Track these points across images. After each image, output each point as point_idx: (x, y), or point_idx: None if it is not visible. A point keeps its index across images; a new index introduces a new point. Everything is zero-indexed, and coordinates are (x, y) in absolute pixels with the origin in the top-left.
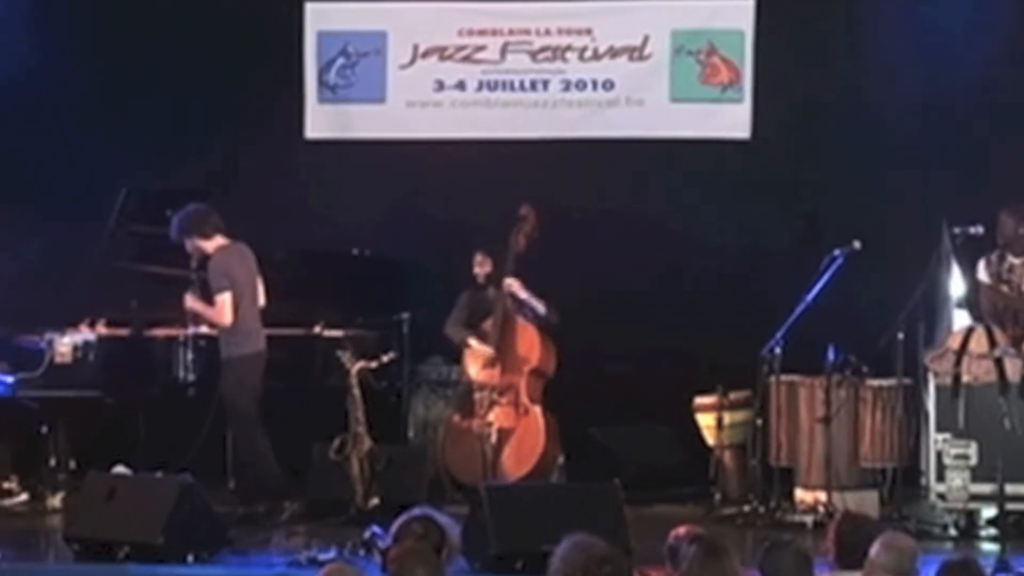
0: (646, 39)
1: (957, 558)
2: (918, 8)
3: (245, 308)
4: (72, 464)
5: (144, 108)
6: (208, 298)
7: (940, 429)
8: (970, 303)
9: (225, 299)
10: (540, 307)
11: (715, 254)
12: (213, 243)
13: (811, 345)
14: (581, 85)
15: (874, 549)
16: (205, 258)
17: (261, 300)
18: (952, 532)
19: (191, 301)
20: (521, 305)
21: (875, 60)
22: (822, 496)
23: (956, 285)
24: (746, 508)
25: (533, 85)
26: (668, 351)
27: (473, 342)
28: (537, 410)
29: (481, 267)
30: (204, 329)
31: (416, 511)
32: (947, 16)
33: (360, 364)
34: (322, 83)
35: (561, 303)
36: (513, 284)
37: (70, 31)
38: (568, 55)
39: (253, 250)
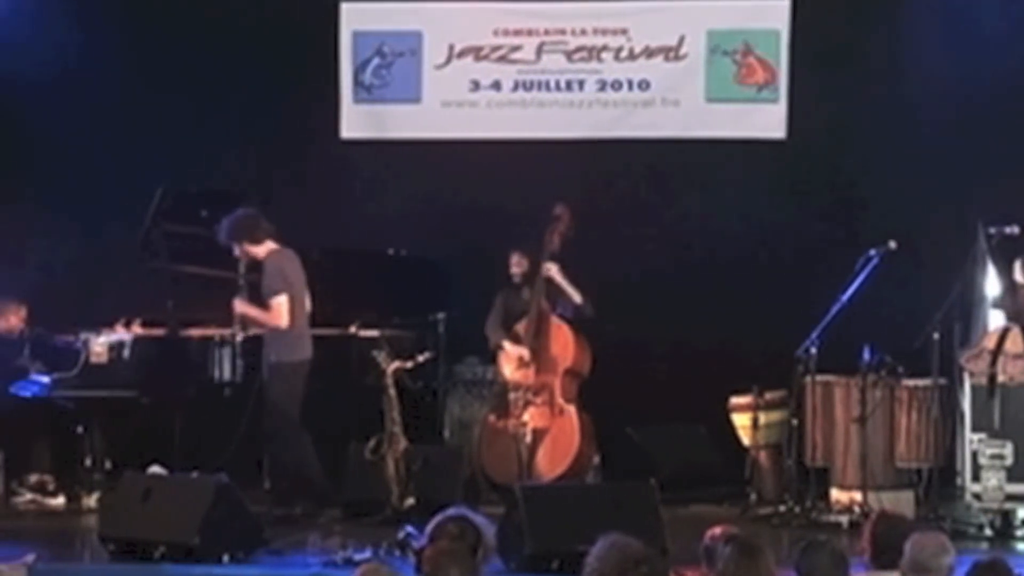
0: (682, 39)
1: (987, 559)
2: (954, 7)
3: (299, 313)
4: (108, 464)
5: (179, 108)
6: (257, 302)
7: (976, 429)
8: (1005, 303)
9: (282, 302)
10: (576, 296)
11: (750, 254)
12: (264, 247)
13: (847, 345)
14: (617, 85)
15: (907, 548)
16: (254, 263)
17: (307, 305)
18: (987, 532)
19: (241, 306)
20: (558, 294)
21: (911, 60)
22: (858, 496)
23: (991, 285)
24: (782, 508)
25: (569, 85)
26: (704, 351)
27: (507, 345)
28: (572, 410)
29: (518, 266)
30: (249, 332)
31: (452, 511)
32: (983, 15)
33: (396, 364)
34: (357, 83)
35: (596, 303)
36: (551, 269)
37: (106, 31)
38: (604, 55)
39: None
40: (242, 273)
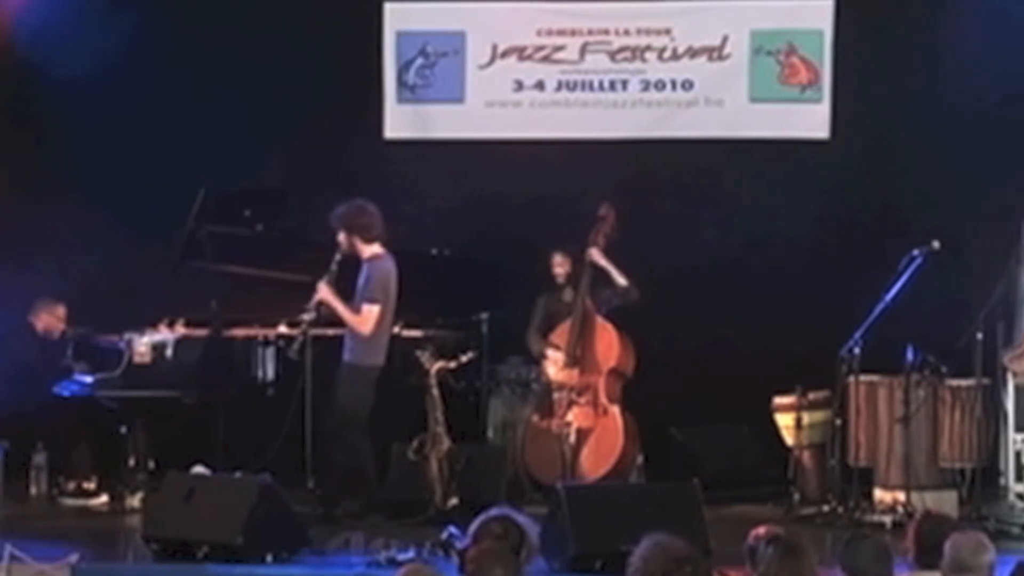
0: (725, 39)
1: None
2: (997, 6)
3: (386, 323)
4: (151, 464)
5: (223, 107)
6: (342, 293)
7: (1019, 429)
8: None
9: (374, 311)
10: (621, 278)
11: (794, 254)
12: (370, 249)
13: (890, 345)
14: (660, 85)
15: (946, 548)
16: (352, 256)
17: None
18: None
19: (325, 292)
20: (604, 281)
21: (954, 59)
22: (901, 496)
23: None
24: (825, 508)
25: (612, 85)
26: (747, 351)
27: (549, 352)
28: (616, 410)
29: (560, 267)
30: (283, 330)
31: (495, 511)
32: None
33: (439, 364)
34: (401, 83)
35: (640, 303)
36: (594, 252)
37: (149, 31)
38: (647, 55)
39: (329, 249)
40: (337, 259)
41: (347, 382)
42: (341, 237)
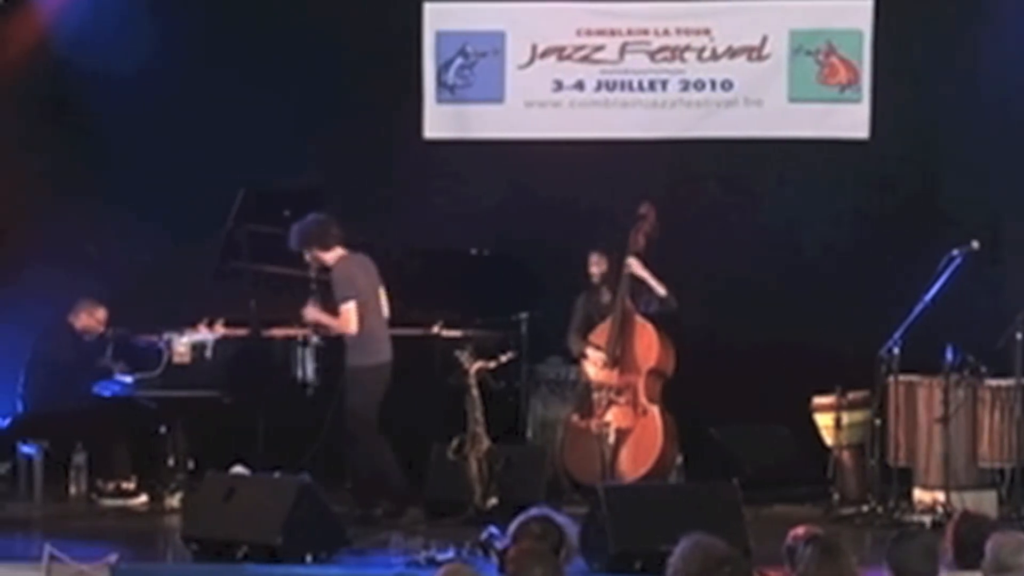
0: (765, 39)
1: None
2: None
3: (371, 318)
4: (190, 464)
5: (263, 108)
6: (329, 308)
7: None
8: None
9: (350, 308)
10: (660, 288)
11: (833, 254)
12: (334, 254)
13: (930, 345)
14: (700, 85)
15: (987, 548)
16: (324, 269)
17: (385, 311)
18: None
19: (312, 313)
20: (642, 289)
21: (993, 59)
22: (940, 496)
23: None
24: (864, 508)
25: (652, 85)
26: (786, 351)
27: (589, 352)
28: (655, 410)
29: (597, 267)
30: (321, 336)
31: (534, 511)
32: None
33: (479, 364)
34: (440, 83)
35: (679, 303)
36: (633, 263)
37: (187, 29)
38: (687, 55)
39: (371, 250)
40: (313, 279)
41: (352, 386)
42: (307, 257)
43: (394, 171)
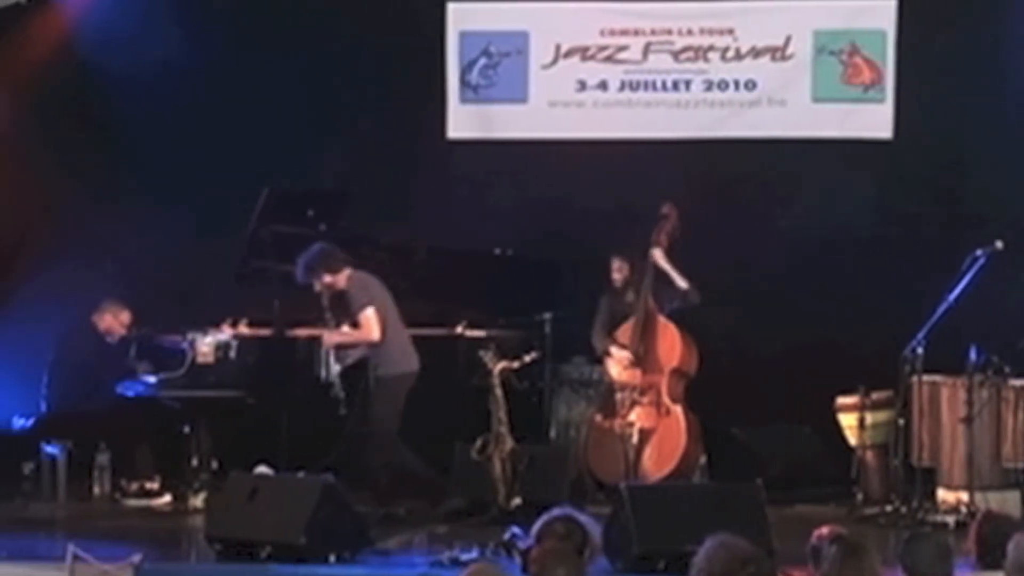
0: (788, 39)
1: None
2: None
3: (393, 326)
4: (214, 464)
5: (285, 107)
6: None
7: None
8: None
9: (369, 315)
10: (682, 281)
11: (855, 254)
12: (343, 275)
13: (953, 345)
14: (723, 85)
15: (1010, 549)
16: (336, 295)
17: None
18: None
19: (333, 336)
20: (665, 283)
21: (1017, 58)
22: (964, 496)
23: None
24: (888, 508)
25: (675, 85)
26: (810, 351)
27: (613, 350)
28: (679, 410)
29: (619, 272)
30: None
31: (558, 511)
32: None
33: (502, 364)
34: (464, 83)
35: (702, 302)
36: (656, 254)
37: (211, 29)
38: (710, 55)
39: (394, 250)
40: (326, 307)
41: (379, 395)
42: (317, 287)
43: (418, 171)
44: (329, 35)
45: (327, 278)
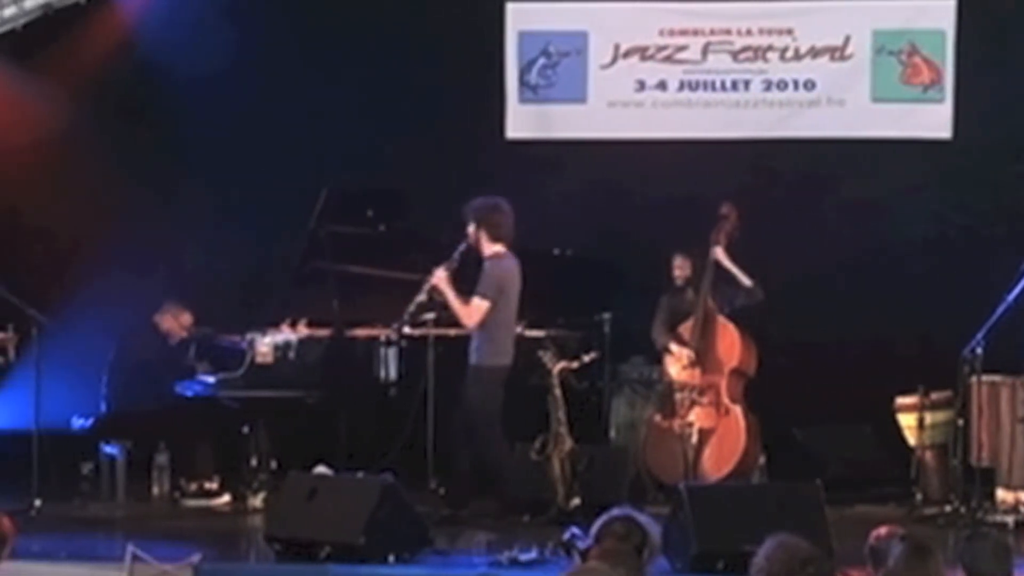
0: (847, 39)
1: None
2: None
3: (507, 321)
4: (273, 464)
5: (345, 107)
6: (460, 286)
7: None
8: None
9: (483, 306)
10: (745, 279)
11: (915, 254)
12: (493, 247)
13: (1013, 345)
14: (782, 85)
15: None
16: (474, 248)
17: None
18: None
19: (443, 279)
20: (727, 281)
21: None
22: (1023, 496)
23: None
24: (947, 508)
25: (734, 85)
26: (869, 351)
27: (673, 346)
28: (738, 410)
29: (680, 270)
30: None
31: (617, 511)
32: None
33: (562, 364)
34: (523, 83)
35: (763, 303)
36: (719, 252)
37: (270, 30)
38: (769, 55)
39: (453, 251)
40: (460, 250)
41: (473, 383)
42: (470, 229)
43: (477, 171)
44: (389, 36)
45: (483, 237)
